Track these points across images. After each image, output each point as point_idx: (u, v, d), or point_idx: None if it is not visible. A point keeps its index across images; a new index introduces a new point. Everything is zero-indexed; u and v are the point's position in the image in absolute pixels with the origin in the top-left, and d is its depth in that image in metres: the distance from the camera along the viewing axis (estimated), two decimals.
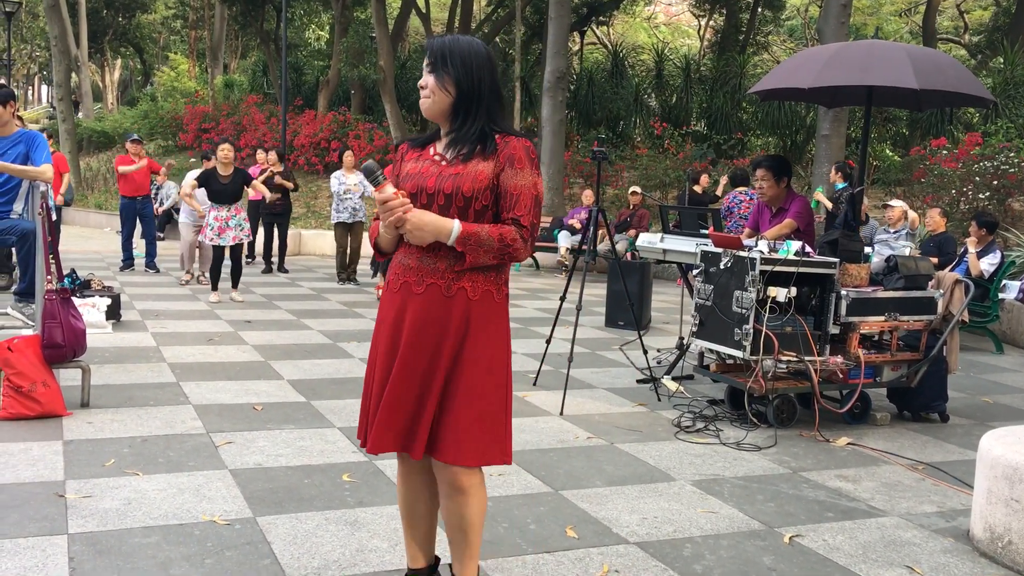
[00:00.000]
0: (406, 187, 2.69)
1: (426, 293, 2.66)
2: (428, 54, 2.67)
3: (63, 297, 5.12)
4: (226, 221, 9.38)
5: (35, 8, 38.43)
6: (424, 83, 2.67)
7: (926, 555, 3.62)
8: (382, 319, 2.77)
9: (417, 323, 2.66)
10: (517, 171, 2.68)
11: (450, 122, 2.71)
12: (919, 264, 5.81)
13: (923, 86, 5.51)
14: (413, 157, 2.78)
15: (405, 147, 2.83)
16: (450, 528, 2.80)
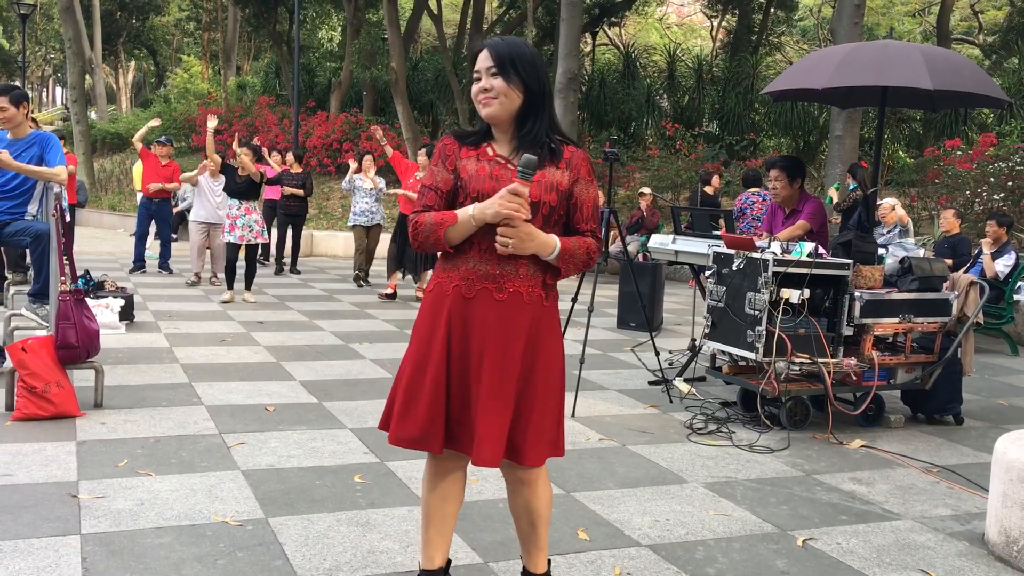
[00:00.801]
0: (483, 188, 2.65)
1: (509, 300, 2.66)
2: (492, 58, 2.63)
3: (77, 298, 5.14)
4: (235, 219, 9.49)
5: (49, 10, 38.68)
6: (489, 86, 2.63)
7: (941, 559, 3.60)
8: (447, 324, 2.68)
9: (503, 330, 2.66)
10: (587, 183, 2.75)
11: (515, 126, 2.71)
12: (933, 266, 5.78)
13: (938, 87, 5.48)
14: (470, 156, 2.71)
15: (454, 143, 2.75)
16: (522, 523, 2.87)
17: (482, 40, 2.76)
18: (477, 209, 2.60)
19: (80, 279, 7.18)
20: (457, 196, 2.71)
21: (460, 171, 2.70)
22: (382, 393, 5.90)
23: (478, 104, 2.67)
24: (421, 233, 2.66)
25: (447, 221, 2.63)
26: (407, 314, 9.41)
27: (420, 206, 2.71)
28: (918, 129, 18.60)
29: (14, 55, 44.83)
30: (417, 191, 2.75)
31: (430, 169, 2.75)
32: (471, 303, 2.67)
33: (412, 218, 2.69)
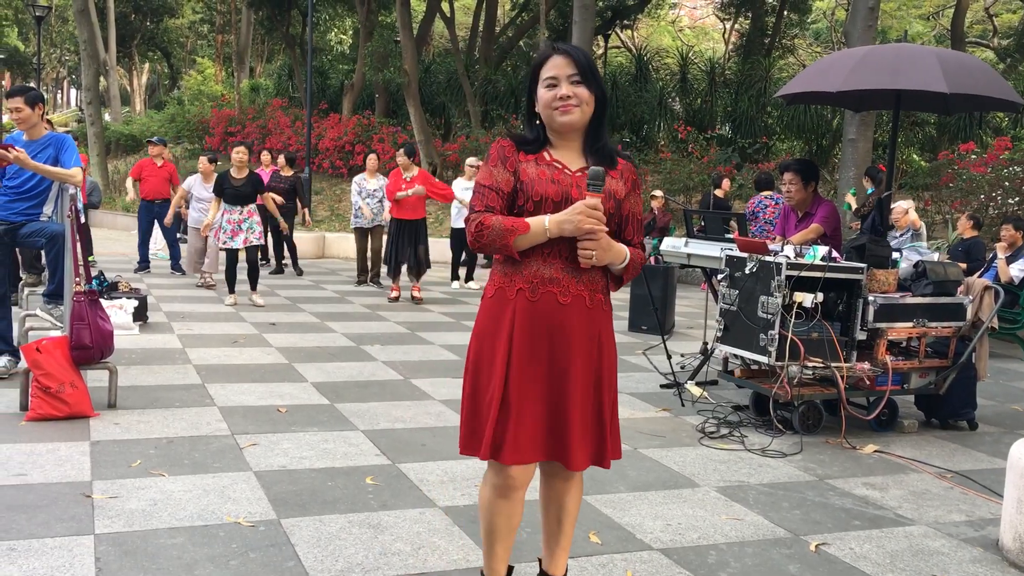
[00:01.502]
0: (546, 192, 2.65)
1: (573, 304, 2.68)
2: (574, 65, 2.64)
3: (91, 299, 5.17)
4: (238, 224, 9.41)
5: (65, 13, 38.94)
6: (572, 93, 2.63)
7: (955, 565, 3.57)
8: (523, 328, 2.66)
9: (574, 334, 2.68)
10: (636, 196, 2.80)
11: (583, 135, 2.74)
12: (948, 270, 5.75)
13: (953, 90, 5.45)
14: (528, 160, 2.71)
15: (512, 145, 2.73)
16: (551, 522, 2.89)
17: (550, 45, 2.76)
18: (553, 223, 2.60)
19: (94, 280, 7.23)
20: (516, 198, 2.70)
21: (520, 174, 2.69)
22: (394, 395, 5.91)
23: (552, 111, 2.66)
24: (487, 235, 2.61)
25: (518, 229, 2.61)
26: (418, 316, 9.42)
27: (482, 206, 2.67)
28: (932, 132, 18.52)
29: (29, 57, 45.12)
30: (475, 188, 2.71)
31: (488, 170, 2.71)
32: (536, 306, 2.66)
33: (475, 218, 2.65)
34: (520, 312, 2.66)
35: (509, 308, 2.68)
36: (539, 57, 2.72)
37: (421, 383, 6.30)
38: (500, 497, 2.75)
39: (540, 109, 2.70)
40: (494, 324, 2.70)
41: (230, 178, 9.45)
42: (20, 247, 6.63)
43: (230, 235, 9.42)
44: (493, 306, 2.72)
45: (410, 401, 5.78)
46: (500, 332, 2.68)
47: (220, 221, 9.43)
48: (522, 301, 2.67)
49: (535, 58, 2.76)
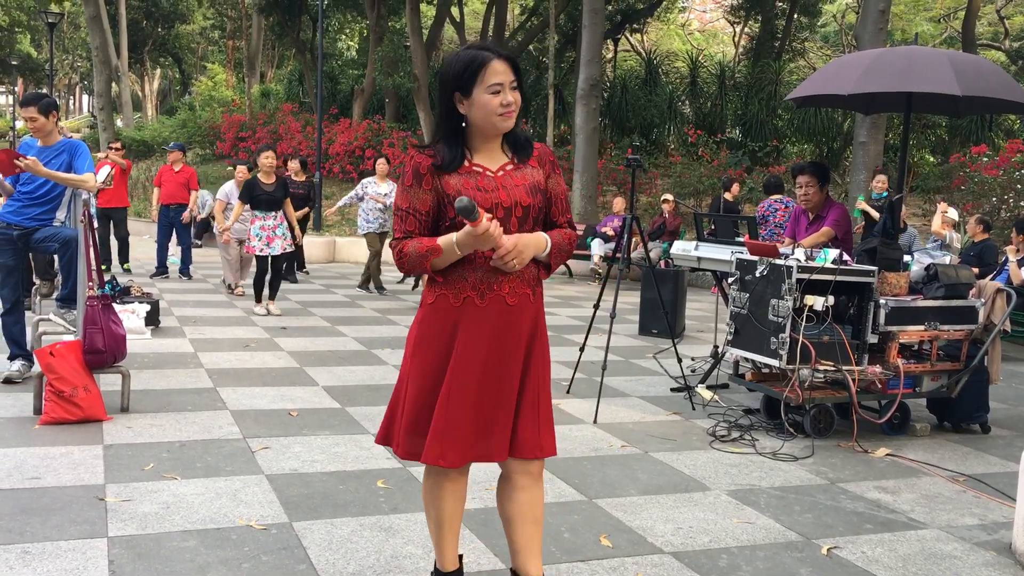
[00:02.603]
0: (476, 201, 2.60)
1: (520, 303, 2.73)
2: (512, 71, 2.62)
3: (104, 303, 5.20)
4: (273, 230, 9.20)
5: (77, 19, 39.19)
6: (513, 99, 2.63)
7: (967, 568, 3.56)
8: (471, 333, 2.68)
9: (518, 332, 2.74)
10: (557, 176, 2.83)
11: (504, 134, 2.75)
12: (959, 273, 5.73)
13: (966, 92, 5.44)
14: (450, 174, 2.67)
15: (428, 164, 2.66)
16: (526, 524, 2.83)
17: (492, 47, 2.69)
18: (460, 243, 2.58)
19: (107, 284, 7.26)
20: (440, 216, 2.68)
21: (444, 187, 2.66)
22: None
23: (498, 118, 2.62)
24: (407, 262, 2.65)
25: (432, 254, 2.62)
26: None
27: (401, 232, 2.67)
28: (943, 135, 18.45)
29: (42, 63, 45.43)
30: (394, 211, 2.71)
31: (404, 191, 2.68)
32: (484, 311, 2.68)
33: (395, 245, 2.67)
34: (467, 318, 2.68)
35: (453, 315, 2.69)
36: (473, 58, 2.61)
37: None
38: (449, 490, 2.81)
39: (478, 113, 2.63)
40: (435, 330, 2.71)
41: (260, 184, 9.21)
42: (33, 252, 6.67)
43: (266, 242, 9.17)
44: (436, 314, 2.71)
45: None
46: (439, 338, 2.70)
47: (253, 229, 9.22)
48: (470, 307, 2.68)
49: (460, 58, 2.65)
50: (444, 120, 2.69)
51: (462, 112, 2.66)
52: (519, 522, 2.83)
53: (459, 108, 2.66)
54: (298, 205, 12.30)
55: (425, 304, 2.75)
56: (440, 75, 2.72)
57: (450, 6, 22.74)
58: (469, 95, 2.62)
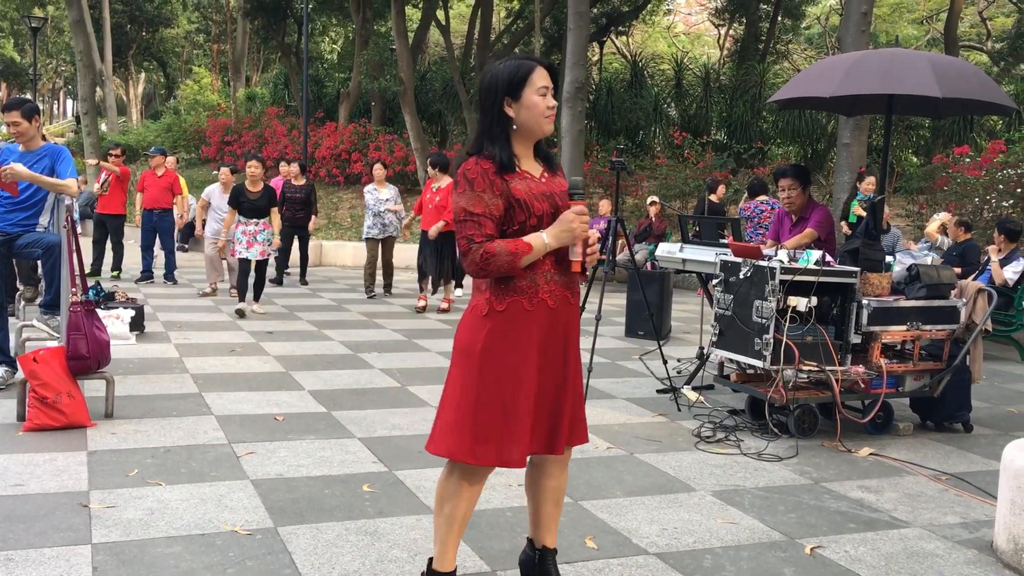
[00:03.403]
0: (544, 207, 2.80)
1: (574, 304, 2.91)
2: (552, 79, 2.81)
3: (88, 309, 5.18)
4: (254, 235, 9.47)
5: (60, 23, 39.00)
6: (554, 104, 2.81)
7: (949, 567, 3.59)
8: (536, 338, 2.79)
9: (574, 333, 2.93)
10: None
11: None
12: (941, 273, 5.77)
13: (946, 94, 5.49)
14: (511, 178, 2.79)
15: (493, 169, 2.76)
16: (549, 504, 3.05)
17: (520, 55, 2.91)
18: (552, 237, 2.75)
19: (91, 290, 7.23)
20: (513, 217, 2.77)
21: (514, 192, 2.77)
22: (391, 402, 5.92)
23: (544, 120, 2.80)
24: (494, 264, 2.70)
25: (522, 251, 2.72)
26: (415, 324, 9.43)
27: (482, 236, 2.71)
28: (926, 136, 18.57)
29: (25, 68, 45.18)
30: (461, 217, 2.75)
31: (476, 196, 2.73)
32: (556, 312, 2.83)
33: (477, 248, 2.70)
34: (547, 319, 2.81)
35: (530, 319, 2.79)
36: (521, 64, 2.80)
37: (418, 390, 6.31)
38: (466, 491, 2.88)
39: (526, 115, 2.78)
40: (514, 337, 2.78)
41: (246, 191, 9.52)
42: (16, 258, 6.64)
43: (245, 246, 9.47)
44: (510, 319, 2.78)
45: (407, 408, 5.79)
46: (523, 344, 2.78)
47: (235, 233, 9.53)
48: (545, 309, 2.80)
49: (508, 65, 2.82)
50: (495, 124, 2.81)
51: (510, 115, 2.80)
52: (545, 503, 3.04)
53: (507, 111, 2.80)
54: (296, 210, 12.30)
55: (493, 312, 2.78)
56: (487, 82, 2.83)
57: (436, 9, 22.73)
58: (518, 98, 2.78)
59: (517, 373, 2.77)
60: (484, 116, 2.83)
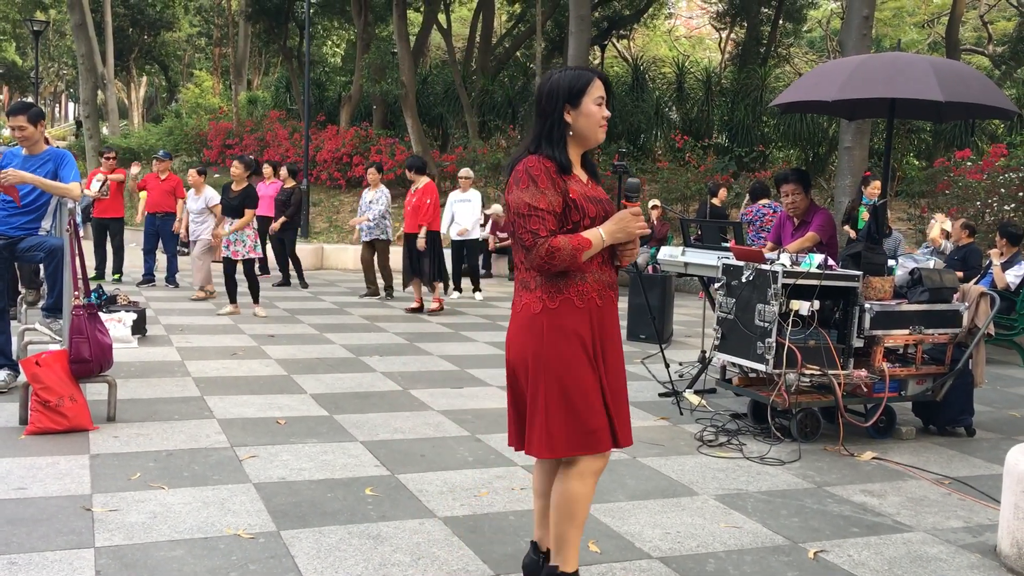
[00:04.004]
0: (596, 211, 2.90)
1: (616, 302, 3.01)
2: (607, 87, 2.92)
3: (90, 312, 5.18)
4: (229, 234, 9.64)
5: (62, 27, 39.04)
6: (608, 115, 2.93)
7: (953, 571, 3.59)
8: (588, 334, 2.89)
9: (617, 330, 3.02)
10: None
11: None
12: (943, 277, 5.77)
13: (948, 98, 5.49)
14: (568, 179, 2.89)
15: (555, 168, 2.87)
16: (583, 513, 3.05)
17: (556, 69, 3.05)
18: (608, 234, 2.87)
19: (93, 293, 7.24)
20: (569, 216, 2.86)
21: (570, 192, 2.87)
22: (393, 406, 5.92)
23: (599, 129, 2.92)
24: (559, 258, 2.80)
25: (584, 246, 2.83)
26: (417, 327, 9.43)
27: (546, 231, 2.79)
28: (928, 140, 18.57)
29: (27, 71, 45.23)
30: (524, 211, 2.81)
31: (540, 192, 2.82)
32: (602, 310, 2.92)
33: (543, 243, 2.78)
34: (594, 318, 2.90)
35: (584, 315, 2.88)
36: (581, 74, 2.91)
37: (420, 394, 6.31)
38: (595, 481, 2.98)
39: (584, 122, 2.90)
40: (567, 332, 2.85)
41: (228, 190, 9.72)
42: (19, 261, 6.65)
43: (225, 245, 9.67)
44: (557, 318, 2.86)
45: (409, 412, 5.79)
46: (577, 338, 2.86)
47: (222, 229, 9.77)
48: (594, 306, 2.90)
49: (568, 73, 2.93)
50: (555, 128, 2.91)
51: (568, 121, 2.90)
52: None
53: (566, 117, 2.90)
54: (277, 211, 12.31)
55: (547, 309, 2.88)
56: (547, 88, 2.93)
57: (437, 13, 22.76)
58: (577, 106, 2.89)
59: (578, 369, 2.87)
60: (542, 120, 2.93)
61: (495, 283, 14.86)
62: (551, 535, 3.01)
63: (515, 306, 2.98)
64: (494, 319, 10.28)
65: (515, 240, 2.90)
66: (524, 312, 2.91)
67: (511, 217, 2.87)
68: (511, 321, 3.00)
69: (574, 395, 2.86)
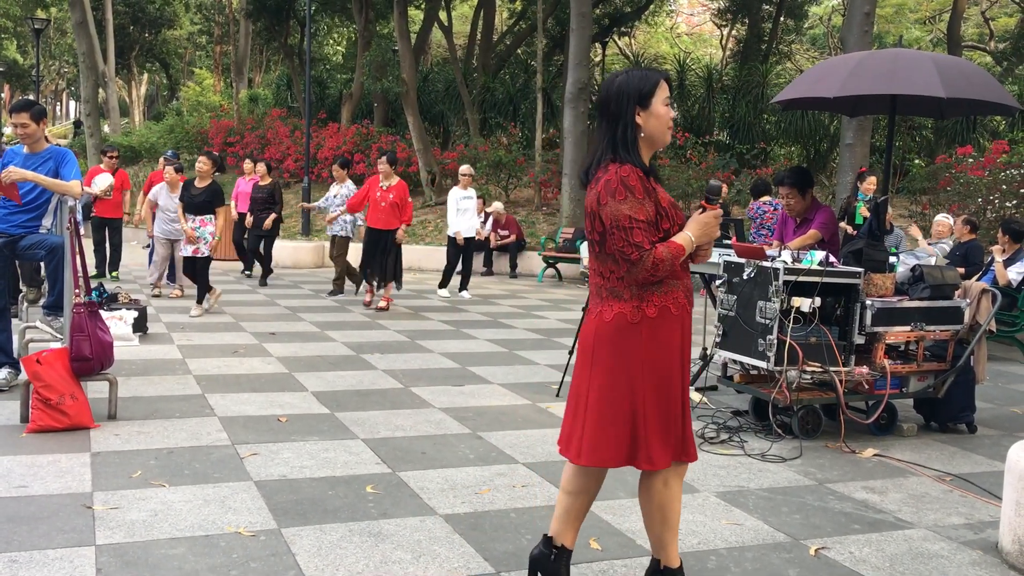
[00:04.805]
0: (680, 217, 2.92)
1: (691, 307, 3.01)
2: (671, 88, 2.91)
3: (91, 310, 5.18)
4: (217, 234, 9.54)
5: (63, 25, 39.05)
6: (675, 115, 2.94)
7: (954, 568, 3.58)
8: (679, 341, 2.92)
9: (689, 336, 3.00)
10: None
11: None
12: (945, 273, 5.76)
13: (950, 95, 5.48)
14: (652, 187, 2.88)
15: (644, 176, 2.86)
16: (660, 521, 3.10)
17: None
18: (696, 237, 2.89)
19: (94, 291, 7.24)
20: (656, 226, 2.86)
21: (661, 201, 2.88)
22: (394, 403, 5.92)
23: (668, 130, 2.91)
24: (663, 269, 2.82)
25: (679, 254, 2.85)
26: (418, 324, 9.43)
27: (649, 244, 2.80)
28: (929, 136, 18.55)
29: (28, 69, 45.25)
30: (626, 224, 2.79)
31: (639, 203, 2.81)
32: (687, 316, 2.94)
33: (648, 255, 2.78)
34: (685, 321, 2.93)
35: (677, 323, 2.90)
36: (648, 75, 2.90)
37: (421, 391, 6.31)
38: (681, 483, 3.02)
39: (654, 124, 2.88)
40: (665, 341, 2.87)
41: (192, 187, 9.60)
42: (20, 259, 6.65)
43: (184, 242, 9.56)
44: (660, 324, 2.86)
45: (410, 409, 5.79)
46: (673, 347, 2.89)
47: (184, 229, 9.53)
48: (685, 313, 2.93)
49: (635, 75, 2.91)
50: (628, 131, 2.88)
51: (639, 123, 2.89)
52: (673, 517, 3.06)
53: (637, 119, 2.88)
54: (259, 210, 12.25)
55: (646, 319, 2.86)
56: (615, 90, 2.90)
57: (438, 10, 22.75)
58: (647, 108, 2.88)
59: (673, 377, 2.89)
60: (613, 123, 2.90)
61: (495, 281, 14.85)
62: (650, 538, 3.08)
63: (603, 314, 2.92)
64: (495, 316, 10.28)
65: (599, 250, 2.88)
66: (618, 321, 2.87)
67: (609, 229, 2.80)
68: (596, 328, 2.93)
69: (672, 404, 2.90)
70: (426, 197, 19.41)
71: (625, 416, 2.89)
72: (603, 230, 2.84)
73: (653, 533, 3.05)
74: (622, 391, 2.88)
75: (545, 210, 18.50)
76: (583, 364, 2.98)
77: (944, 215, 10.60)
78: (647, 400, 2.88)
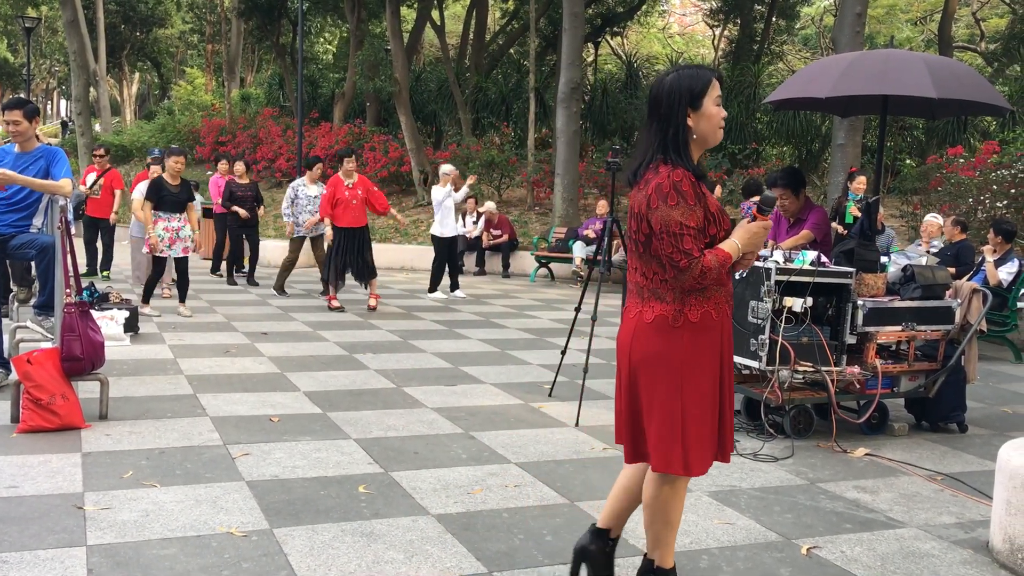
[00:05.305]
0: (728, 221, 2.90)
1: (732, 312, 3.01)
2: (721, 87, 2.88)
3: (82, 310, 5.16)
4: (176, 232, 9.18)
5: (54, 23, 38.89)
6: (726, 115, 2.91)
7: (945, 567, 3.59)
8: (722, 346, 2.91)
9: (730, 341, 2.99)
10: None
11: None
12: (936, 273, 5.78)
13: (941, 95, 5.50)
14: (702, 191, 2.86)
15: (695, 181, 2.84)
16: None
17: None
18: (743, 245, 2.87)
19: (85, 291, 7.21)
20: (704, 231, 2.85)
21: (710, 206, 2.86)
22: (386, 403, 5.91)
23: (719, 130, 2.89)
24: (710, 277, 2.79)
25: (727, 262, 2.83)
26: (410, 324, 9.42)
27: (698, 251, 2.78)
28: (921, 137, 18.61)
29: (19, 68, 45.06)
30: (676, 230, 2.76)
31: (690, 209, 2.78)
32: (727, 320, 2.93)
33: (696, 263, 2.75)
34: (726, 326, 2.91)
35: (718, 327, 2.88)
36: (699, 74, 2.85)
37: (414, 391, 6.31)
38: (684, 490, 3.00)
39: (705, 124, 2.85)
40: (707, 346, 2.87)
41: (166, 185, 9.25)
42: (10, 259, 6.62)
43: (168, 243, 9.15)
44: (704, 329, 2.85)
45: (402, 409, 5.79)
46: (713, 352, 2.88)
47: (156, 229, 9.13)
48: (726, 318, 2.91)
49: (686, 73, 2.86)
50: (679, 132, 2.84)
51: (690, 124, 2.85)
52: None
53: (688, 121, 2.85)
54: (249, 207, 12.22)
55: (688, 323, 2.83)
56: (666, 90, 2.85)
57: (431, 10, 22.74)
58: (698, 108, 2.84)
59: (712, 382, 2.88)
60: (664, 124, 2.85)
61: (488, 280, 14.84)
62: (647, 535, 3.07)
63: (643, 315, 2.88)
64: (488, 316, 10.28)
65: (644, 251, 2.85)
66: (658, 324, 2.84)
67: (658, 234, 2.76)
68: (636, 330, 2.90)
69: (706, 409, 2.88)
70: (418, 197, 19.38)
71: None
72: (649, 232, 2.80)
73: (652, 531, 3.04)
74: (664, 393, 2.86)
75: (538, 210, 18.51)
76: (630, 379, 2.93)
77: (933, 215, 10.65)
78: (688, 403, 2.86)
